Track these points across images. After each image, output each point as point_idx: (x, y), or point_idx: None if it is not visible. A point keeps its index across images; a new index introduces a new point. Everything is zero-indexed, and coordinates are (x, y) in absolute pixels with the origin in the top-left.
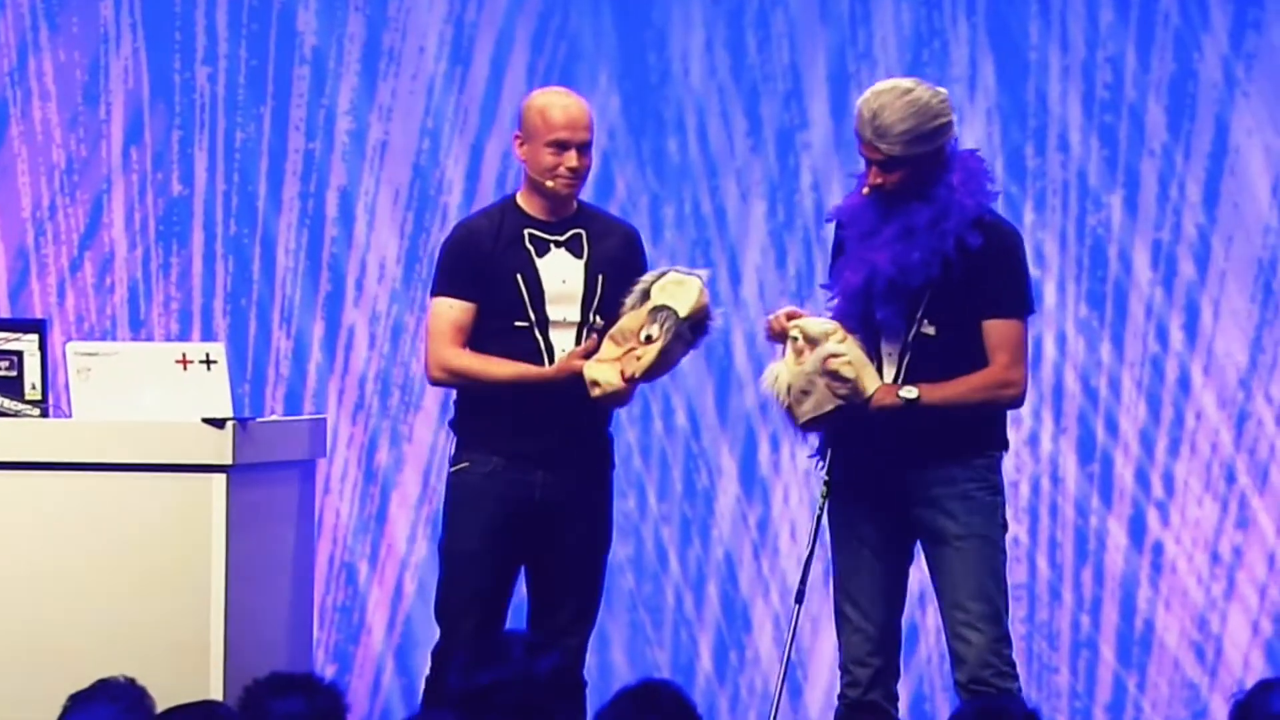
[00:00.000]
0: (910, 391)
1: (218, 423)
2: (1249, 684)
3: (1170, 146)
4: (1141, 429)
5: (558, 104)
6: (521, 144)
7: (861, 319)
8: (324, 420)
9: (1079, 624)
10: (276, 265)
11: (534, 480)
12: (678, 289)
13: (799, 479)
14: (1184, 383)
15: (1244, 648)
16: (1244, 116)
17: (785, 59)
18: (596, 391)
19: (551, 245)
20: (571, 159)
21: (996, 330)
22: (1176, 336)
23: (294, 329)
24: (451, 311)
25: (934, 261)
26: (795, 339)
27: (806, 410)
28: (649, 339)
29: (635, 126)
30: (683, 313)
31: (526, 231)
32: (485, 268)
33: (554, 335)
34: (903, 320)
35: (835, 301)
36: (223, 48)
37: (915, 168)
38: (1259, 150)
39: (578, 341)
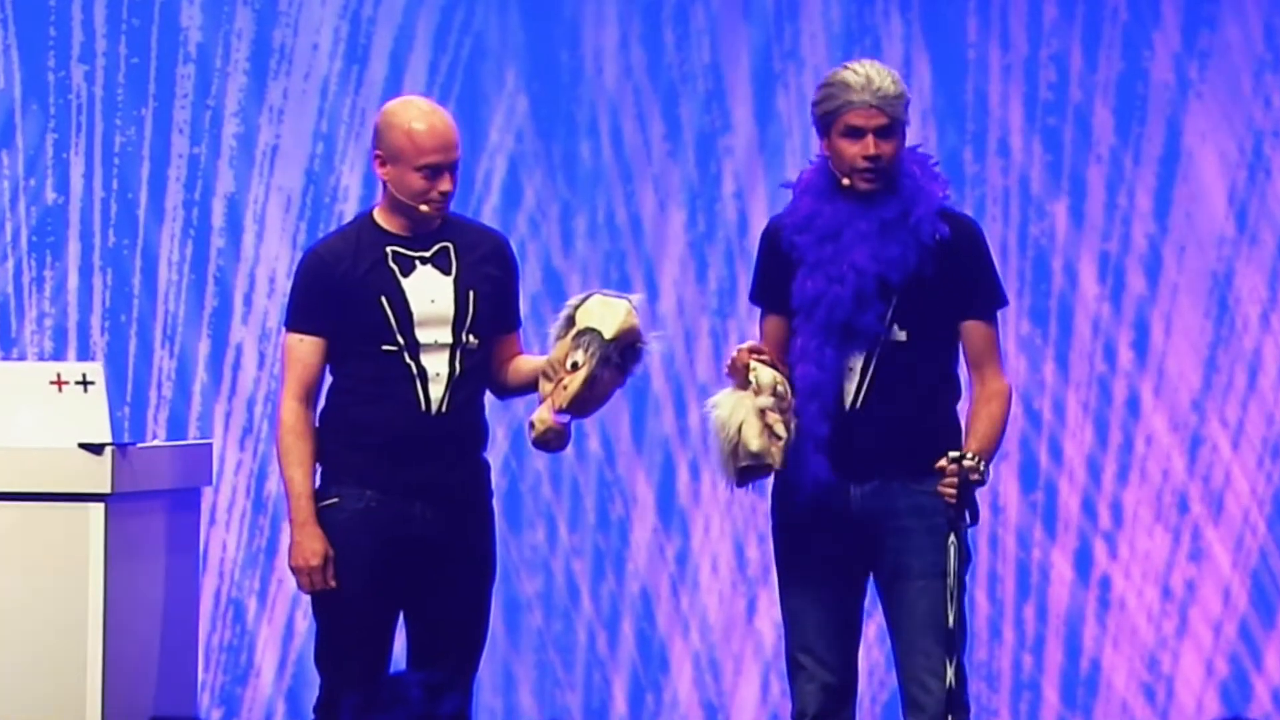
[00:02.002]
0: (985, 470)
1: (95, 448)
2: None
3: (1118, 151)
4: (1088, 454)
5: (424, 122)
6: (383, 164)
7: (842, 331)
8: (209, 445)
9: (1021, 664)
10: (158, 279)
11: (412, 514)
12: (603, 310)
13: (720, 509)
14: (1133, 405)
15: (1197, 689)
16: (1197, 119)
17: (706, 57)
18: (533, 434)
19: (417, 262)
20: (445, 183)
21: (979, 334)
22: (1125, 355)
23: (177, 347)
24: (301, 346)
25: (910, 255)
26: (753, 381)
27: (747, 456)
28: (574, 366)
29: (545, 129)
30: (608, 334)
31: (389, 249)
32: (343, 294)
33: (425, 359)
34: (878, 326)
35: (797, 318)
36: (101, 44)
37: (900, 140)
38: (1213, 155)
39: (451, 364)
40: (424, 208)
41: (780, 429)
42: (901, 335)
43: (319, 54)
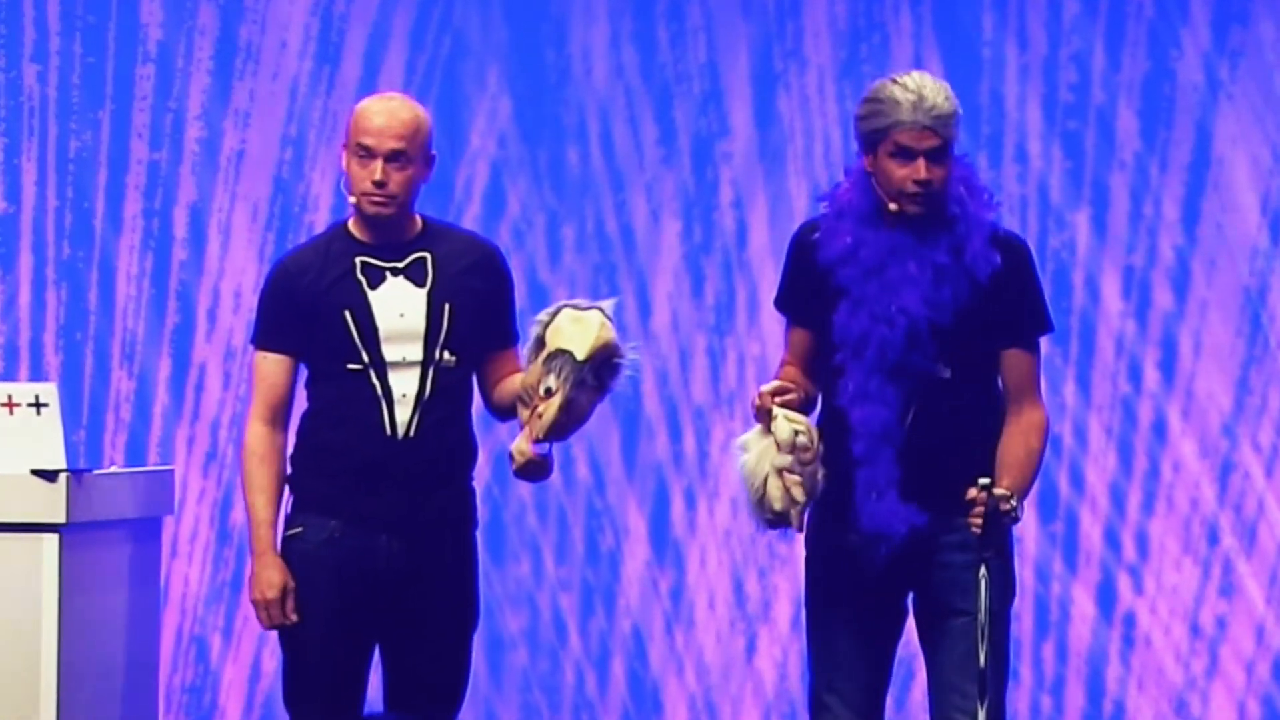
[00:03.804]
0: (1018, 506)
1: (49, 475)
2: None
3: (1144, 157)
4: (1111, 482)
5: (375, 108)
6: (345, 158)
7: (894, 371)
8: (171, 472)
9: (1039, 706)
10: (116, 293)
11: (377, 546)
12: (573, 328)
13: (718, 540)
14: (1160, 429)
15: None
16: (1228, 123)
17: (702, 56)
18: (514, 465)
19: (387, 274)
20: (376, 170)
21: (1020, 363)
22: (1151, 375)
23: (137, 367)
24: (267, 364)
25: (962, 296)
26: (774, 433)
27: (770, 513)
28: (549, 392)
29: (530, 134)
30: (581, 355)
31: (359, 260)
32: (308, 309)
33: (393, 379)
34: (929, 367)
35: (841, 353)
36: (54, 43)
37: (951, 162)
38: (1245, 161)
39: (422, 384)
40: (353, 199)
41: (798, 493)
42: (946, 373)
43: (288, 53)
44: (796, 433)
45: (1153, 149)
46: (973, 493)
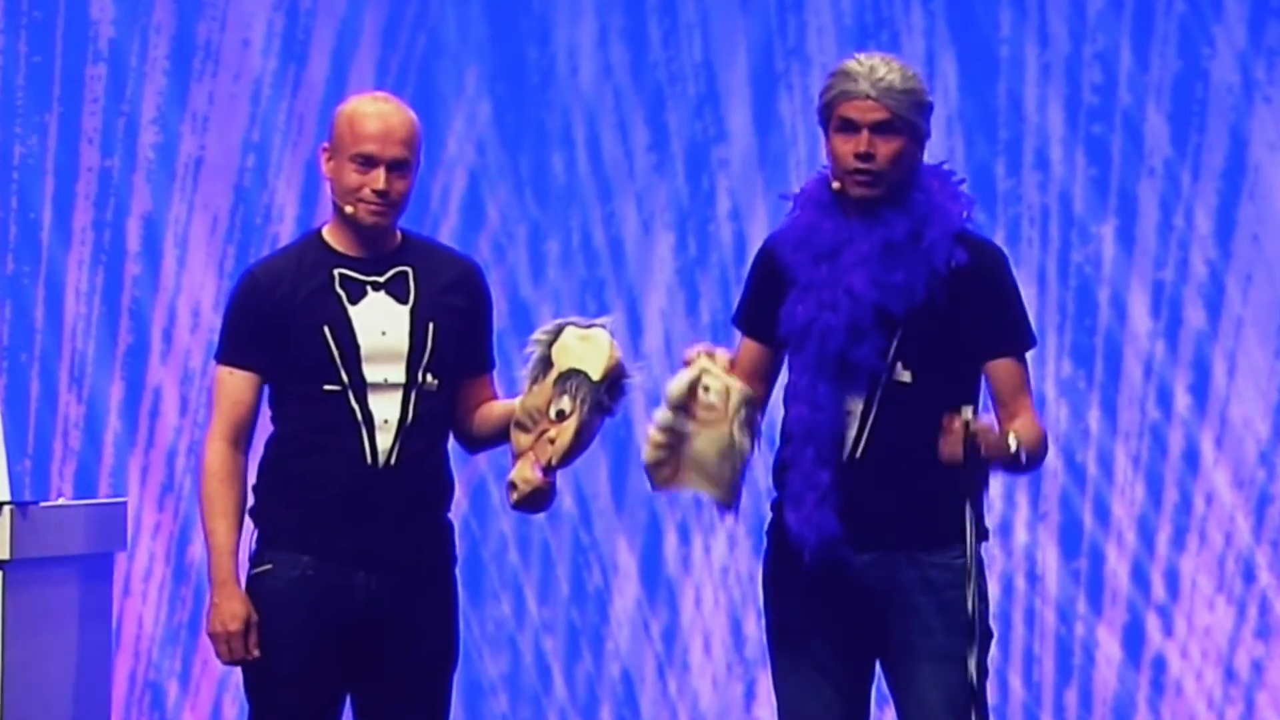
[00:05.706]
0: (1014, 441)
1: None
2: None
3: (1174, 164)
4: (1139, 515)
5: (371, 111)
6: (329, 159)
7: (837, 365)
8: (123, 505)
9: None
10: (65, 312)
11: (354, 584)
12: (584, 346)
13: (714, 578)
14: (1191, 458)
15: None
16: (1265, 126)
17: (697, 55)
18: (516, 495)
19: (368, 289)
20: (378, 179)
21: (1008, 374)
22: (1182, 400)
23: (87, 391)
24: (231, 380)
25: (918, 283)
26: (706, 389)
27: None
28: (561, 415)
29: (511, 139)
30: (596, 375)
31: (337, 272)
32: (280, 322)
33: (374, 401)
34: (877, 362)
35: (788, 349)
36: None
37: (908, 145)
38: None
39: (404, 407)
40: (351, 209)
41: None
42: (906, 375)
43: (250, 52)
44: (706, 388)
45: (1184, 155)
46: (949, 421)
